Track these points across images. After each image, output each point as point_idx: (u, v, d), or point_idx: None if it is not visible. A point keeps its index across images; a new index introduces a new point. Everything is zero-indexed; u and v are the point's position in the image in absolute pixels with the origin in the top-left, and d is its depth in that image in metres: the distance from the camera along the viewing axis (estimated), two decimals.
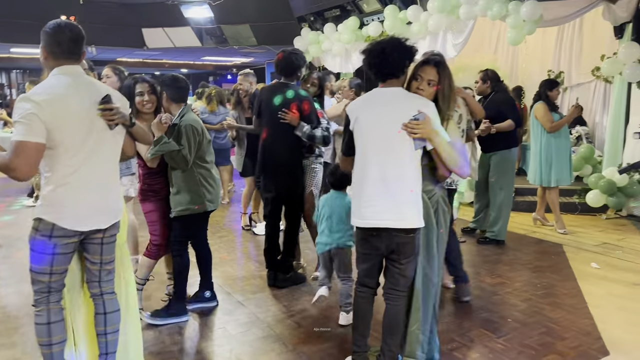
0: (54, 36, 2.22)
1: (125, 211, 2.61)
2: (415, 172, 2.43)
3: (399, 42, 2.44)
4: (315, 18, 9.10)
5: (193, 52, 12.48)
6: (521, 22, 5.74)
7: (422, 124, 2.32)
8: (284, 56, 3.91)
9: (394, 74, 2.46)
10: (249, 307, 3.68)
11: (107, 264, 2.45)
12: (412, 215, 2.42)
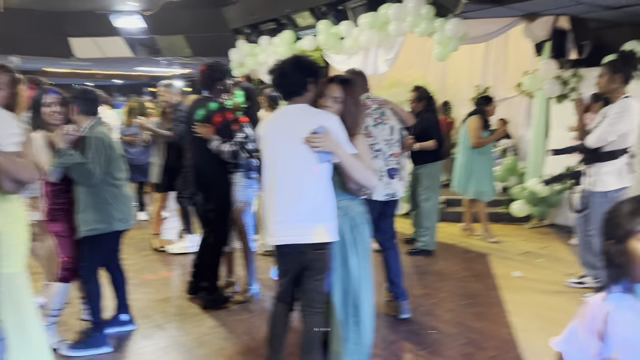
0: None
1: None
2: (322, 187, 2.42)
3: (298, 62, 2.51)
4: (251, 30, 9.03)
5: (126, 62, 12.11)
6: (447, 39, 5.93)
7: (322, 138, 2.35)
8: (203, 69, 3.85)
9: (297, 92, 2.51)
10: (170, 330, 3.53)
11: None
12: (319, 230, 2.40)
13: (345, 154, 2.40)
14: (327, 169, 2.43)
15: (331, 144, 2.36)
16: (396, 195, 3.63)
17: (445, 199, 6.82)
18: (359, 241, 2.59)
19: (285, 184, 2.42)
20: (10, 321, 2.16)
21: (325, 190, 2.43)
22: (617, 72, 3.83)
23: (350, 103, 2.52)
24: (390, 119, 3.61)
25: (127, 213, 3.21)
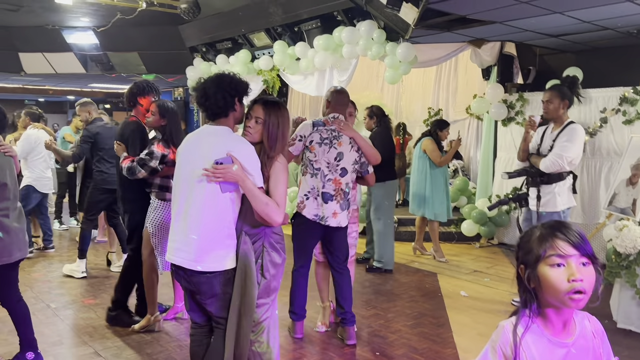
0: None
1: None
2: (220, 215, 2.34)
3: (222, 80, 2.41)
4: (207, 49, 8.99)
5: (79, 78, 11.80)
6: (397, 63, 6.06)
7: (224, 169, 2.27)
8: (129, 88, 3.90)
9: (221, 113, 2.43)
10: (106, 357, 3.39)
11: None
12: (207, 257, 2.33)
13: (248, 186, 2.30)
14: (230, 198, 2.36)
15: (234, 176, 2.27)
16: (328, 221, 3.48)
17: (397, 219, 6.91)
18: (266, 271, 2.46)
19: (183, 206, 2.38)
20: None
21: (224, 218, 2.35)
22: (565, 98, 4.02)
23: (272, 125, 2.46)
24: (343, 146, 3.51)
25: (9, 243, 2.92)
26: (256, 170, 2.37)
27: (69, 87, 14.57)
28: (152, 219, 3.69)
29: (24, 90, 14.43)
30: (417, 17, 5.17)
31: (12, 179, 2.98)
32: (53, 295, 4.64)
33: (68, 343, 3.62)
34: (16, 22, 9.10)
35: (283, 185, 2.44)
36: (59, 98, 16.53)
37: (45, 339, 3.65)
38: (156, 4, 7.47)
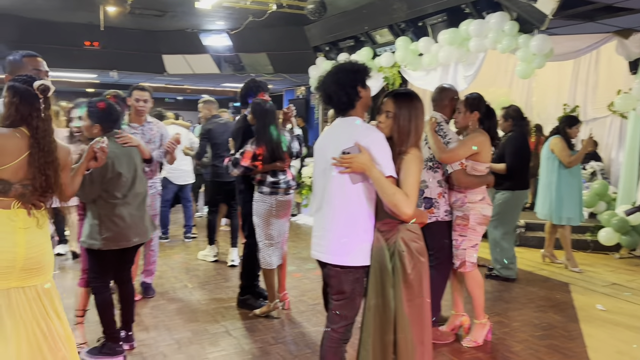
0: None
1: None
2: (351, 208, 2.32)
3: (339, 76, 2.36)
4: (330, 48, 9.20)
5: (212, 78, 12.71)
6: (531, 56, 5.69)
7: (352, 158, 2.24)
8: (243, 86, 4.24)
9: (347, 107, 2.40)
10: (237, 337, 3.63)
11: None
12: (338, 250, 2.33)
13: (375, 175, 2.24)
14: (361, 189, 2.32)
15: (362, 166, 2.23)
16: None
17: (524, 223, 6.50)
18: (397, 273, 2.34)
19: (320, 200, 2.42)
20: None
21: (356, 212, 2.32)
22: None
23: (402, 118, 2.38)
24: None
25: (118, 234, 3.12)
26: (385, 159, 2.30)
27: (204, 87, 15.78)
28: (254, 210, 3.90)
29: (165, 89, 15.90)
30: (556, 7, 4.81)
31: (129, 168, 3.20)
32: (190, 277, 5.08)
33: (202, 320, 3.94)
34: (161, 26, 10.07)
35: (414, 177, 2.32)
36: (195, 96, 17.97)
37: (182, 316, 4.02)
38: (285, 5, 7.79)
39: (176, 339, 3.58)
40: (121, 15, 8.53)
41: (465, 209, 3.46)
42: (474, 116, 3.51)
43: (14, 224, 2.18)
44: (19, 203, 2.20)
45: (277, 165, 3.87)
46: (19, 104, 2.21)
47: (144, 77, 12.72)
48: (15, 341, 2.16)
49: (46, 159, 2.24)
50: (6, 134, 2.19)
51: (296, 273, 5.23)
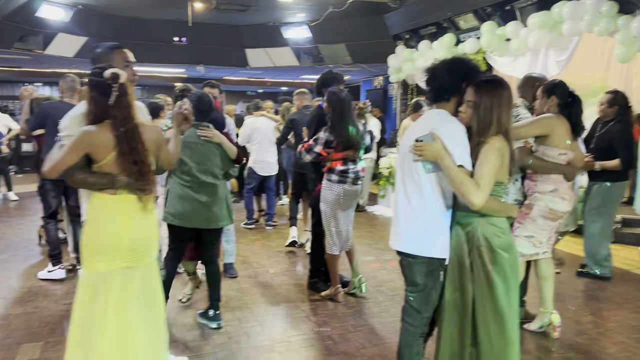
0: None
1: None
2: (425, 197, 2.28)
3: (454, 63, 2.36)
4: (410, 36, 9.03)
5: (292, 71, 12.93)
6: (631, 38, 5.24)
7: (424, 146, 2.20)
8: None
9: (442, 95, 2.36)
10: (316, 322, 3.70)
11: None
12: (409, 238, 2.32)
13: (445, 163, 2.19)
14: (435, 179, 2.28)
15: (434, 154, 2.19)
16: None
17: (621, 219, 6.05)
18: (477, 266, 2.28)
19: (398, 190, 2.41)
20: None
21: (429, 201, 2.28)
22: None
23: (483, 108, 2.26)
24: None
25: (181, 212, 3.36)
26: (457, 148, 2.23)
27: (284, 79, 16.09)
28: (322, 197, 4.01)
29: (247, 83, 16.40)
30: None
31: (196, 160, 3.35)
32: (272, 262, 5.23)
33: (284, 304, 4.05)
34: (244, 21, 10.38)
35: (489, 167, 2.21)
36: (275, 89, 18.38)
37: (266, 299, 4.16)
38: None
39: (259, 321, 3.71)
40: (207, 11, 8.89)
41: (533, 199, 3.32)
42: (551, 101, 3.30)
43: (120, 208, 2.33)
44: (126, 189, 2.33)
45: (348, 154, 3.93)
46: (96, 97, 2.30)
47: (229, 71, 13.19)
48: (116, 318, 2.31)
49: (132, 146, 2.30)
50: (95, 130, 2.28)
51: (374, 263, 5.22)
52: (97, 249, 2.33)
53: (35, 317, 3.74)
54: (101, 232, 2.33)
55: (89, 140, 2.27)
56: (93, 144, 2.27)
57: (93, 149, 2.28)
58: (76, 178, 2.30)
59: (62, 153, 2.26)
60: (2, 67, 14.02)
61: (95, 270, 2.34)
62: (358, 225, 6.72)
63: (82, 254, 2.38)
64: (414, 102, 5.44)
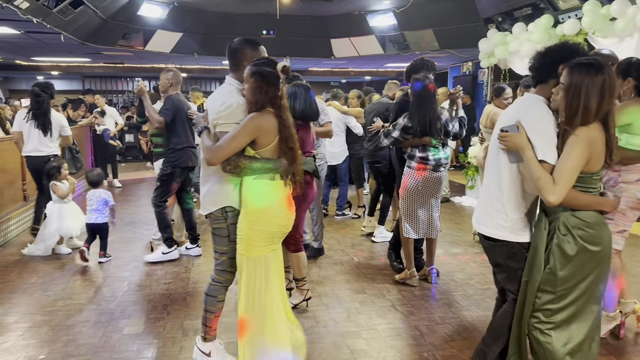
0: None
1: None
2: (506, 185, 2.31)
3: (558, 46, 2.30)
4: (503, 18, 8.59)
5: (376, 59, 12.82)
6: None
7: (507, 136, 2.21)
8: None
9: (541, 77, 2.33)
10: (402, 312, 3.67)
11: (215, 252, 2.77)
12: (487, 222, 2.39)
13: (526, 157, 2.17)
14: (518, 169, 2.28)
15: (516, 145, 2.19)
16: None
17: None
18: (555, 256, 2.20)
19: (485, 176, 2.47)
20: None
21: (511, 191, 2.31)
22: None
23: (573, 93, 2.09)
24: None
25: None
26: (540, 140, 2.17)
27: (367, 68, 16.00)
28: (402, 183, 4.08)
29: (331, 73, 16.51)
30: None
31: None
32: (356, 251, 5.26)
33: (369, 293, 4.06)
34: (330, 11, 10.41)
35: (572, 161, 2.10)
36: (358, 79, 18.34)
37: (351, 286, 4.20)
38: None
39: (345, 307, 3.75)
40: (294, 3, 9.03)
41: (617, 190, 3.06)
42: (627, 83, 3.03)
43: (279, 194, 2.58)
44: (279, 175, 2.55)
45: (425, 140, 3.96)
46: (267, 88, 2.49)
47: (313, 62, 13.36)
48: (279, 290, 2.66)
49: (290, 133, 2.53)
50: (266, 116, 2.48)
51: (462, 256, 5.08)
52: (264, 235, 2.55)
53: (139, 294, 4.05)
54: (268, 219, 2.55)
55: (261, 126, 2.46)
56: (264, 130, 2.47)
57: (263, 134, 2.49)
58: (241, 162, 2.47)
59: (231, 138, 2.44)
60: (107, 63, 15.20)
61: (258, 255, 2.57)
62: (444, 216, 6.59)
63: (246, 240, 2.56)
64: (495, 87, 5.21)
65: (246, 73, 2.53)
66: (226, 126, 2.53)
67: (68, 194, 5.12)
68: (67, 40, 9.11)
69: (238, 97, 2.60)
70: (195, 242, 5.07)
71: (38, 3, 6.88)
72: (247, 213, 2.55)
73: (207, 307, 2.81)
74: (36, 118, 5.39)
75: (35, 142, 5.39)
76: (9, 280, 4.32)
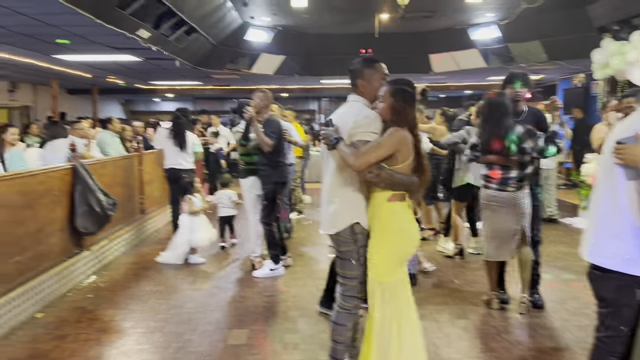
0: None
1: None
2: (624, 209, 1.98)
3: None
4: (620, 27, 7.95)
5: (478, 73, 12.43)
6: None
7: (624, 149, 1.91)
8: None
9: None
10: (497, 327, 3.47)
11: (342, 277, 2.69)
12: (597, 250, 2.08)
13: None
14: (635, 187, 1.97)
15: (632, 157, 1.92)
16: None
17: None
18: None
19: (595, 193, 2.17)
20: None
21: (625, 212, 1.99)
22: None
23: None
24: None
25: None
26: None
27: (468, 82, 15.55)
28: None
29: (429, 89, 16.24)
30: None
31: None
32: (456, 272, 5.06)
33: (471, 317, 3.88)
34: (429, 27, 10.32)
35: None
36: (458, 93, 17.87)
37: (451, 310, 4.04)
38: None
39: (445, 332, 3.62)
40: (393, 21, 9.05)
41: None
42: None
43: (410, 215, 2.59)
44: (410, 194, 2.58)
45: (490, 159, 3.79)
46: (407, 107, 2.55)
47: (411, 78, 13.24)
48: (415, 317, 2.64)
49: (421, 151, 2.57)
50: (406, 133, 2.52)
51: (576, 282, 4.69)
52: (398, 258, 2.58)
53: (242, 305, 4.21)
54: (406, 240, 2.58)
55: (403, 140, 2.50)
56: (405, 145, 2.50)
57: (403, 149, 2.50)
58: (382, 174, 2.49)
59: (376, 146, 2.49)
60: (216, 85, 16.24)
61: (391, 279, 2.58)
62: (554, 238, 6.15)
63: (378, 263, 2.57)
64: (604, 102, 4.84)
65: (385, 91, 2.59)
66: (366, 134, 2.56)
67: (199, 212, 5.59)
68: (182, 65, 9.89)
69: (371, 111, 2.65)
70: (284, 254, 5.26)
71: (157, 32, 7.55)
72: (381, 234, 2.54)
73: (336, 338, 2.71)
74: (175, 137, 6.17)
75: (174, 157, 6.20)
76: (128, 287, 4.71)
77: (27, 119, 15.35)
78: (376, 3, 8.47)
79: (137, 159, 6.78)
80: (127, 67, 11.39)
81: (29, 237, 4.09)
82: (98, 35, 7.68)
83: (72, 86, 16.14)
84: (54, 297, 4.31)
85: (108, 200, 4.98)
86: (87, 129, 6.64)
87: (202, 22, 8.46)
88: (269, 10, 9.13)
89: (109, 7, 6.26)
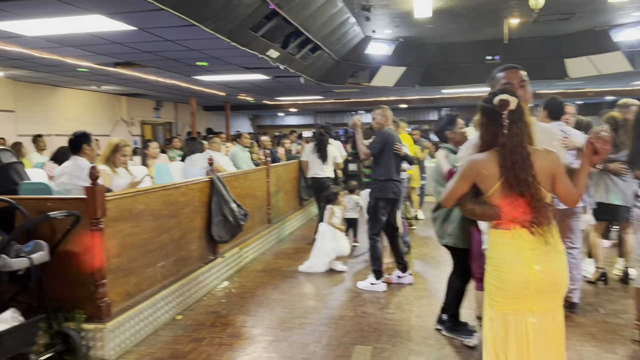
0: None
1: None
2: None
3: None
4: None
5: (621, 77, 11.23)
6: None
7: None
8: None
9: None
10: None
11: None
12: None
13: None
14: None
15: None
16: None
17: None
18: None
19: None
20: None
21: None
22: None
23: None
24: None
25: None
26: None
27: (610, 87, 14.14)
28: None
29: (563, 95, 15.01)
30: None
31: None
32: (600, 301, 4.57)
33: (621, 354, 3.47)
34: (564, 30, 9.56)
35: None
36: (597, 99, 16.32)
37: (597, 343, 3.64)
38: None
39: None
40: (523, 25, 8.54)
41: None
42: None
43: (517, 245, 2.17)
44: (519, 224, 2.18)
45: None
46: (487, 124, 2.22)
47: (543, 85, 12.39)
48: None
49: (520, 177, 2.12)
50: (482, 159, 2.21)
51: None
52: (500, 289, 2.22)
53: (364, 321, 4.19)
54: (502, 272, 2.20)
55: (476, 169, 2.22)
56: (480, 174, 2.21)
57: (480, 178, 2.22)
58: (466, 208, 2.30)
59: (455, 182, 2.30)
60: (337, 99, 16.61)
61: (500, 311, 2.24)
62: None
63: (487, 292, 2.31)
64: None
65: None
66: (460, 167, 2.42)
67: (338, 224, 5.82)
68: (306, 81, 10.26)
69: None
70: (406, 271, 5.16)
71: (285, 51, 7.92)
72: (487, 262, 2.33)
73: None
74: (318, 150, 7.19)
75: (316, 167, 7.20)
76: (256, 294, 4.94)
77: (169, 133, 17.02)
78: (505, 8, 8.05)
79: (265, 172, 7.13)
80: (257, 85, 12.11)
81: (172, 244, 4.48)
82: (233, 57, 8.26)
83: (208, 103, 17.58)
84: (192, 300, 4.65)
85: (240, 210, 5.30)
86: (219, 143, 7.28)
87: (326, 39, 8.71)
88: (391, 23, 9.12)
89: (243, 31, 6.70)
